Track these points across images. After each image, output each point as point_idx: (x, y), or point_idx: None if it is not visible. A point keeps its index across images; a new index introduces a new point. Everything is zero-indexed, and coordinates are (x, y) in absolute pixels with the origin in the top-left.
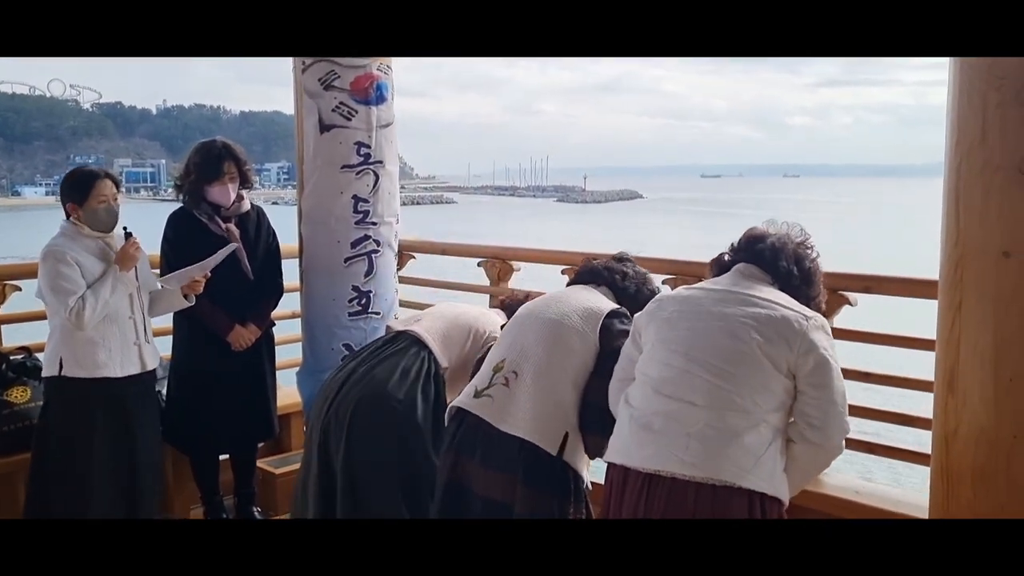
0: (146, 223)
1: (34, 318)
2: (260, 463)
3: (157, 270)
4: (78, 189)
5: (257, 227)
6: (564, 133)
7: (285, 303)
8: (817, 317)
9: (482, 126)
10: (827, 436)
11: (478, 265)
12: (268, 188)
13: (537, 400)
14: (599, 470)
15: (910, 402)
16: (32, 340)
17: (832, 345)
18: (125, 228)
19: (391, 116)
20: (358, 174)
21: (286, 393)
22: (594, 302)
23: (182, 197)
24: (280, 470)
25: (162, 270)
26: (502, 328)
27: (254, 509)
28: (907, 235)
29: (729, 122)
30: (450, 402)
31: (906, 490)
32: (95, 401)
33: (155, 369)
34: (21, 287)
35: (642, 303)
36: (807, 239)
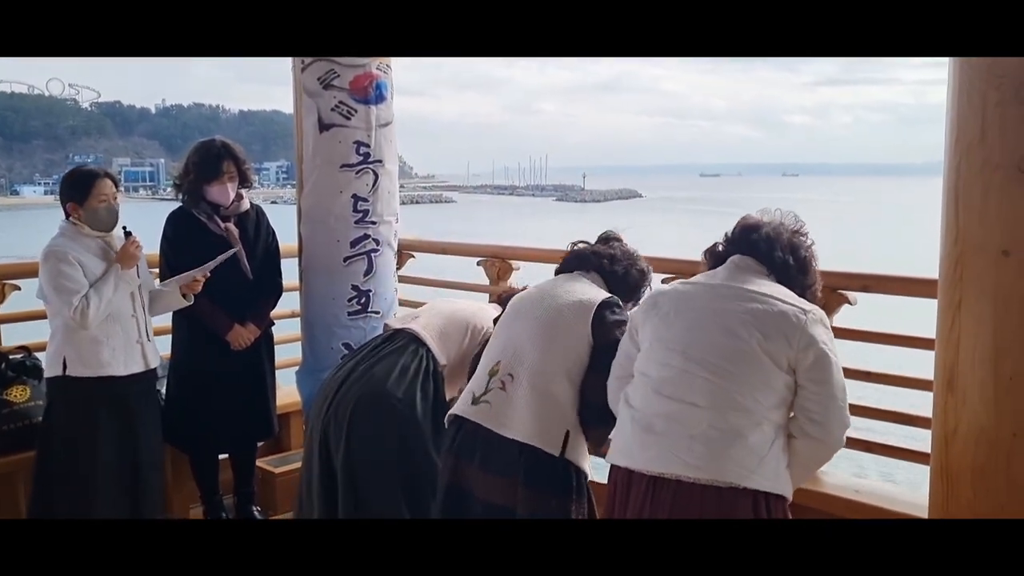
0: (145, 222)
1: (33, 317)
2: (260, 462)
3: (156, 269)
4: (78, 188)
5: (256, 226)
6: (563, 132)
7: (284, 302)
8: (815, 310)
9: (481, 125)
10: (828, 431)
11: (477, 264)
12: (267, 187)
13: (535, 403)
14: (600, 467)
15: (910, 401)
16: (31, 339)
17: (831, 338)
18: (125, 227)
19: (390, 115)
20: (357, 173)
21: (286, 392)
22: (584, 293)
23: (181, 196)
24: (280, 469)
25: (161, 269)
26: (495, 322)
27: (254, 508)
28: (906, 234)
29: (728, 121)
30: (449, 398)
31: (905, 489)
32: (99, 400)
33: (157, 368)
34: (20, 287)
35: (632, 284)
36: (801, 227)
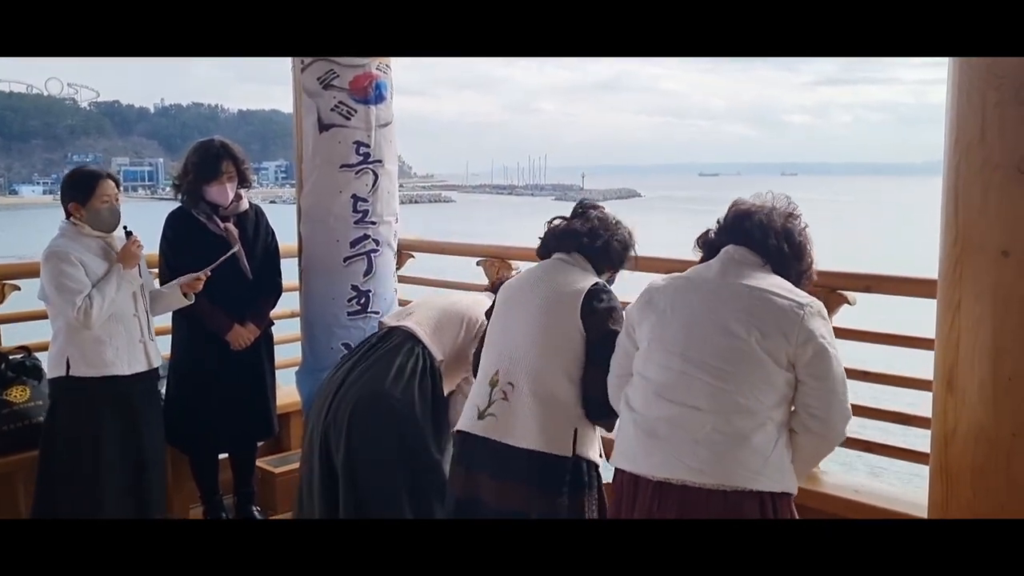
0: (144, 222)
1: (33, 318)
2: (259, 462)
3: (155, 269)
4: (81, 189)
5: (256, 226)
6: (562, 132)
7: (284, 302)
8: (813, 303)
9: (480, 125)
10: (830, 426)
11: (477, 264)
12: (266, 187)
13: (539, 409)
14: (605, 467)
15: (909, 401)
16: (31, 340)
17: (830, 331)
18: (126, 227)
19: (390, 115)
20: (357, 173)
21: (285, 392)
22: (569, 284)
23: (180, 196)
24: (279, 469)
25: (160, 269)
26: (487, 314)
27: (253, 508)
28: (906, 234)
29: (727, 120)
30: (447, 392)
31: (905, 489)
32: (103, 400)
33: (159, 367)
34: (20, 287)
35: (616, 256)
36: (794, 209)
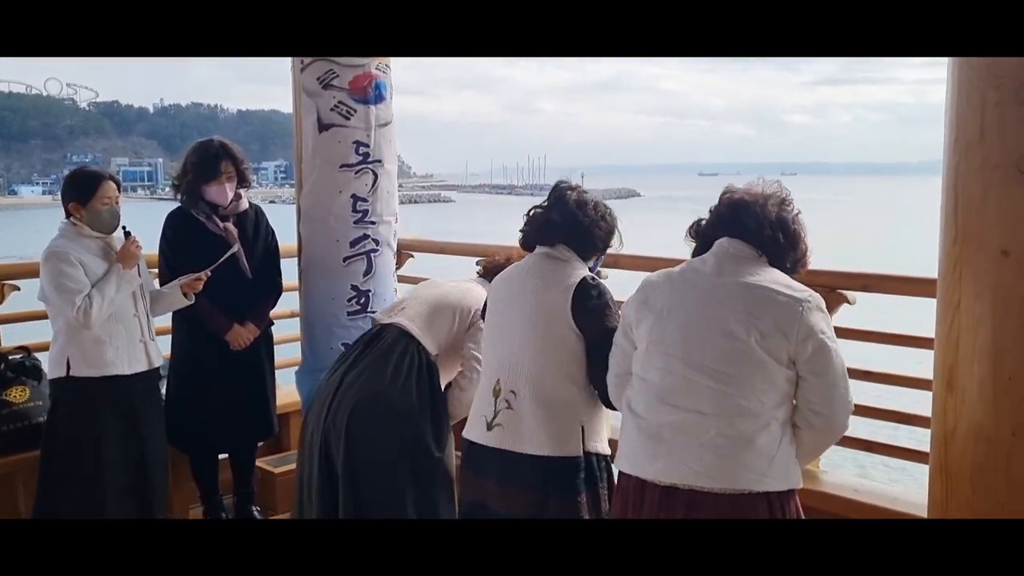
0: (143, 222)
1: (33, 318)
2: (259, 462)
3: (154, 270)
4: (82, 189)
5: (256, 226)
6: (562, 132)
7: (284, 302)
8: (811, 298)
9: (480, 124)
10: (832, 421)
11: (476, 264)
12: (265, 187)
13: (544, 415)
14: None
15: (909, 400)
16: (31, 340)
17: (829, 324)
18: (124, 227)
19: (390, 115)
20: (357, 173)
21: (285, 392)
22: (558, 280)
23: (180, 196)
24: (279, 469)
25: (160, 270)
26: (482, 312)
27: (253, 508)
28: (906, 233)
29: (727, 120)
30: (444, 383)
31: (905, 488)
32: (104, 400)
33: (159, 367)
34: (19, 287)
35: (599, 242)
36: (787, 195)
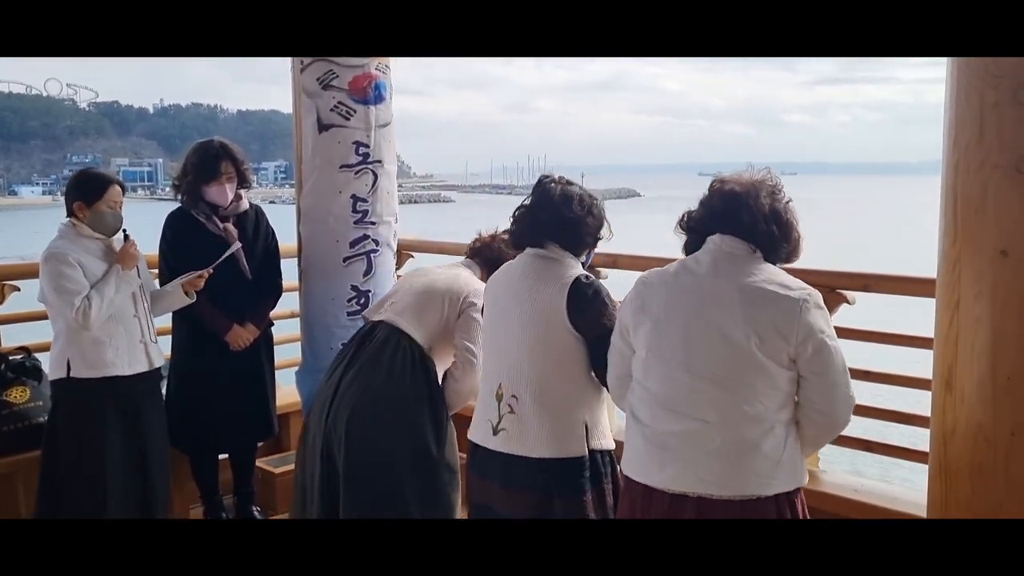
0: (143, 222)
1: (33, 318)
2: (259, 462)
3: (155, 270)
4: (89, 190)
5: (256, 227)
6: (561, 131)
7: (284, 302)
8: (808, 296)
9: (479, 124)
10: (834, 417)
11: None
12: (265, 187)
13: (547, 418)
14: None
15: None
16: (31, 340)
17: (828, 322)
18: (124, 229)
19: (389, 116)
20: (357, 173)
21: (285, 392)
22: (551, 281)
23: (180, 197)
24: (279, 469)
25: (160, 270)
26: (481, 308)
27: (253, 508)
28: (905, 233)
29: (726, 120)
30: (440, 373)
31: (905, 488)
32: (105, 401)
33: (160, 368)
34: (20, 287)
35: (589, 238)
36: (776, 183)
